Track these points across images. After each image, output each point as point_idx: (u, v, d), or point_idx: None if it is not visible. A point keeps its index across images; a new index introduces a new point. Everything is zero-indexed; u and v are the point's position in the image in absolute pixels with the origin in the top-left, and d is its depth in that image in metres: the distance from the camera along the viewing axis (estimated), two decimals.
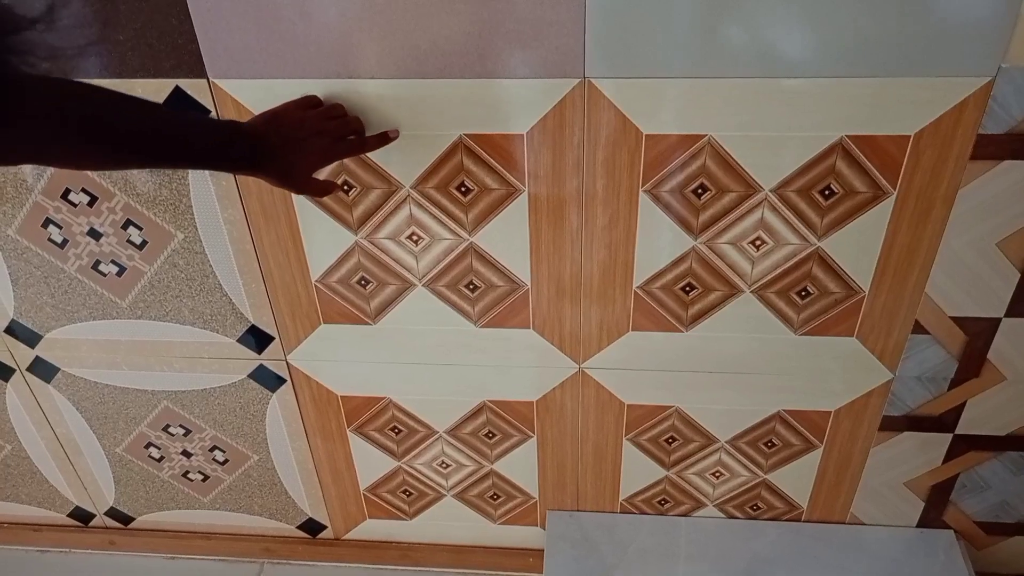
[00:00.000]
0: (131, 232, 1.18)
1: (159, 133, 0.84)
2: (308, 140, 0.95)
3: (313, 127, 0.96)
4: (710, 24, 0.92)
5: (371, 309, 1.22)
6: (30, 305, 1.29)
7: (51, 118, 0.72)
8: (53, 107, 0.72)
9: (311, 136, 0.96)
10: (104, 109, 0.79)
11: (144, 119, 0.85)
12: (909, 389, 1.22)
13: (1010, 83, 0.92)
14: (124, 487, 1.55)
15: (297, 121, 0.96)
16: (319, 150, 0.97)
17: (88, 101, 0.78)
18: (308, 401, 1.36)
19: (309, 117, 0.97)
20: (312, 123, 0.97)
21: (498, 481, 1.44)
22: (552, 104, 1.00)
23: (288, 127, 0.95)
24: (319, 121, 0.97)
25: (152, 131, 0.83)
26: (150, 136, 0.83)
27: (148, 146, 0.83)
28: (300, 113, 0.98)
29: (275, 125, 0.95)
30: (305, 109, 0.98)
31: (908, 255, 1.08)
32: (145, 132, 0.82)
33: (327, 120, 0.98)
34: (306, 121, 0.97)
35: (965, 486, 1.34)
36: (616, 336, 1.21)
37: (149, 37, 0.99)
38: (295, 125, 0.96)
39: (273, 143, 0.93)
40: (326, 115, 0.99)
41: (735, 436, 1.32)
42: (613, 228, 1.10)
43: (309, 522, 1.56)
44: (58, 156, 0.78)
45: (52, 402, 1.43)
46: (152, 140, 0.83)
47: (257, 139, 0.92)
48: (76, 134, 0.75)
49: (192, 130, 0.90)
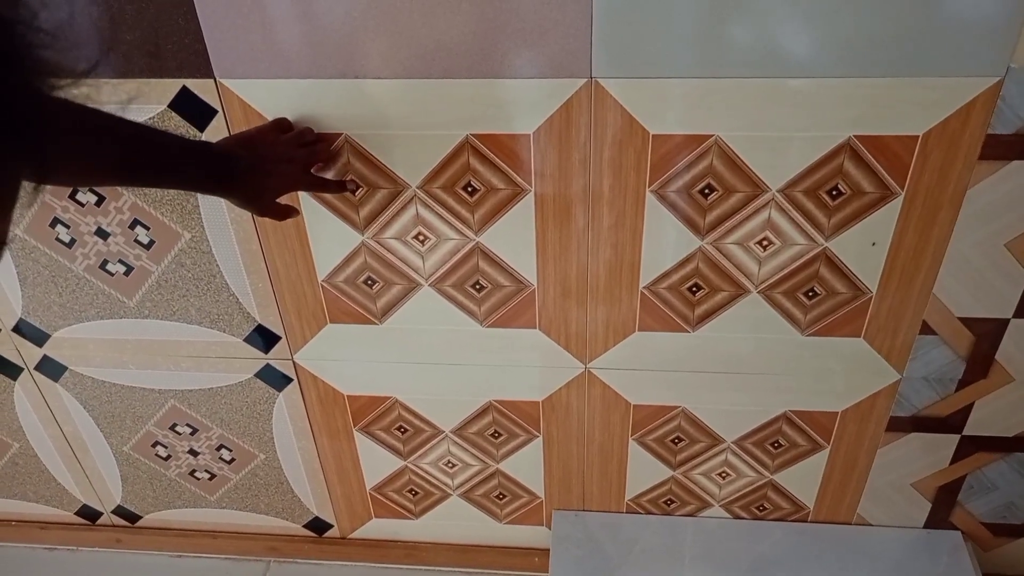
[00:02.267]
0: (138, 232, 1.18)
1: (142, 152, 0.86)
2: (278, 166, 0.97)
3: (284, 153, 0.98)
4: (717, 24, 0.92)
5: (377, 309, 1.22)
6: (38, 304, 1.29)
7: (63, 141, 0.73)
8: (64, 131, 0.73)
9: (281, 162, 0.98)
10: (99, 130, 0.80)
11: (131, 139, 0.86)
12: (916, 390, 1.22)
13: (1019, 83, 0.92)
14: (131, 485, 1.56)
15: (269, 146, 0.98)
16: (288, 177, 0.99)
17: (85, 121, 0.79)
18: (314, 400, 1.36)
19: (281, 142, 0.99)
20: (283, 149, 0.98)
21: (504, 481, 1.44)
22: (559, 104, 1.00)
23: (260, 151, 0.97)
24: (290, 148, 0.99)
25: (136, 150, 0.85)
26: (134, 155, 0.84)
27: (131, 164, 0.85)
28: (272, 137, 0.99)
29: (248, 148, 0.96)
30: (277, 133, 1.00)
31: (916, 256, 1.08)
32: (130, 151, 0.84)
33: (297, 148, 1.00)
34: (278, 146, 0.99)
35: (972, 487, 1.34)
36: (622, 336, 1.21)
37: (155, 37, 1.00)
38: (267, 150, 0.97)
39: (244, 166, 0.95)
40: (297, 142, 1.00)
41: (741, 436, 1.32)
42: (619, 228, 1.10)
43: (315, 521, 1.57)
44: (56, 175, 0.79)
45: (60, 401, 1.43)
46: (135, 158, 0.85)
47: (229, 160, 0.94)
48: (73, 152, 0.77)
49: (169, 149, 0.91)
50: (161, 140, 0.94)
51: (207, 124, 1.06)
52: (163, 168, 0.90)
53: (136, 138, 0.89)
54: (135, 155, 0.86)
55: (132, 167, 0.87)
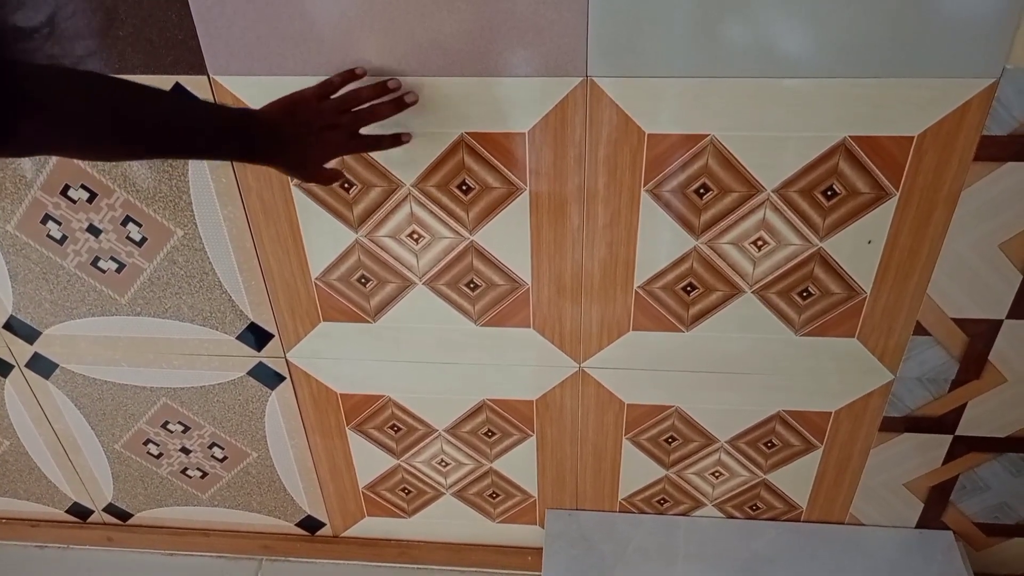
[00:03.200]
0: (130, 228, 1.18)
1: (173, 122, 0.84)
2: (323, 133, 0.95)
3: (327, 119, 0.95)
4: (713, 24, 0.92)
5: (371, 307, 1.22)
6: (29, 301, 1.28)
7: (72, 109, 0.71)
8: (73, 98, 0.72)
9: (325, 129, 0.95)
10: (121, 98, 0.79)
11: (158, 106, 0.84)
12: (909, 390, 1.22)
13: (1014, 84, 0.92)
14: (122, 483, 1.55)
15: (313, 112, 0.95)
16: (332, 143, 0.97)
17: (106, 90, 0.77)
18: (307, 399, 1.35)
19: (324, 108, 0.96)
20: (327, 115, 0.95)
21: (497, 480, 1.44)
22: (554, 103, 1.00)
23: (303, 118, 0.94)
24: (334, 114, 0.96)
25: (166, 119, 0.83)
26: (164, 124, 0.82)
27: (162, 134, 0.82)
28: (316, 104, 0.96)
29: (290, 115, 0.94)
30: (321, 99, 0.96)
31: (910, 256, 1.08)
32: (160, 120, 0.82)
33: (341, 113, 0.96)
34: (322, 112, 0.95)
35: (965, 487, 1.34)
36: (616, 335, 1.21)
37: (149, 33, 0.99)
38: (311, 116, 0.94)
39: (288, 134, 0.92)
40: (340, 107, 0.97)
41: (735, 436, 1.32)
42: (614, 227, 1.09)
43: (308, 519, 1.56)
44: (75, 146, 0.77)
45: (51, 398, 1.42)
46: (166, 128, 0.83)
47: (272, 128, 0.92)
48: (95, 124, 0.75)
49: (207, 118, 0.89)
50: (203, 113, 0.92)
51: None
52: (206, 142, 0.88)
53: (178, 111, 0.87)
54: (177, 130, 0.84)
55: (173, 141, 0.85)
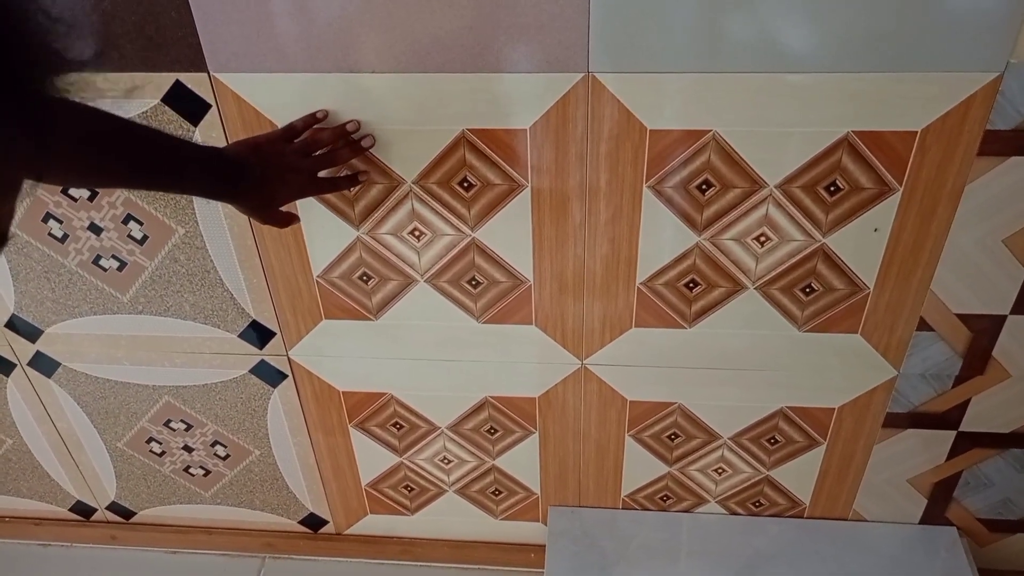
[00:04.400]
0: (132, 227, 1.17)
1: (150, 156, 0.86)
2: (285, 175, 0.97)
3: (291, 162, 0.97)
4: (715, 19, 0.91)
5: (373, 305, 1.22)
6: (31, 300, 1.28)
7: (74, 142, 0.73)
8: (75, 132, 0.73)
9: (288, 171, 0.97)
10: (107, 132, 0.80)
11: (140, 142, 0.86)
12: (913, 386, 1.22)
13: (1018, 79, 0.92)
14: (125, 482, 1.55)
15: (278, 155, 0.97)
16: (294, 185, 0.99)
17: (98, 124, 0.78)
18: (309, 396, 1.35)
19: (288, 151, 0.98)
20: (290, 158, 0.98)
21: (500, 477, 1.44)
22: (555, 99, 0.99)
23: (268, 160, 0.96)
24: (297, 157, 0.98)
25: (144, 154, 0.85)
26: (143, 159, 0.84)
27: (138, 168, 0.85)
28: (281, 147, 0.98)
29: (257, 157, 0.96)
30: (286, 142, 0.99)
31: (913, 252, 1.07)
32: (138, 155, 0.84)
33: (304, 157, 0.99)
34: (286, 155, 0.98)
35: (968, 483, 1.34)
36: (619, 332, 1.21)
37: (148, 30, 0.99)
38: (275, 159, 0.97)
39: (256, 174, 0.94)
40: (304, 150, 0.99)
41: (738, 432, 1.32)
42: (616, 224, 1.09)
43: (310, 517, 1.56)
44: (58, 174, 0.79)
45: (53, 397, 1.42)
46: (144, 163, 0.84)
47: (238, 168, 0.94)
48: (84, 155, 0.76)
49: (181, 154, 0.91)
50: (170, 145, 0.93)
51: (200, 119, 1.05)
52: (171, 173, 0.89)
53: (145, 141, 0.88)
54: (143, 159, 0.85)
55: (139, 171, 0.87)
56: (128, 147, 0.83)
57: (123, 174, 0.86)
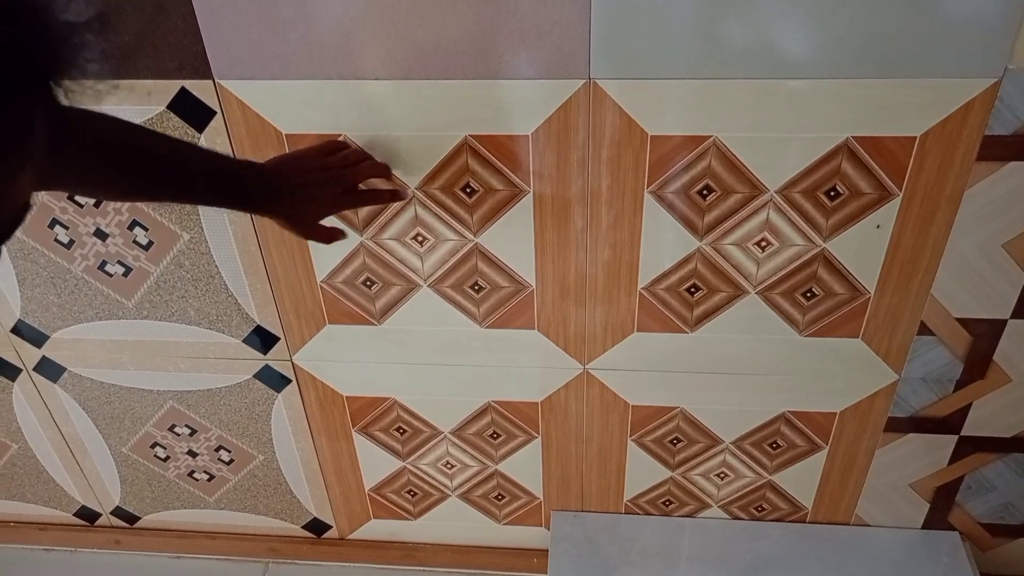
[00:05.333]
0: (137, 233, 1.18)
1: (182, 168, 0.86)
2: (321, 188, 0.96)
3: (327, 176, 0.97)
4: (715, 25, 0.92)
5: (376, 310, 1.23)
6: (37, 305, 1.29)
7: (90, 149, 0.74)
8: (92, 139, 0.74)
9: (324, 184, 0.97)
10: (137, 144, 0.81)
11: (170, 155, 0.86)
12: (914, 391, 1.22)
13: (1016, 84, 0.92)
14: (130, 487, 1.56)
15: (313, 168, 0.97)
16: (330, 199, 0.98)
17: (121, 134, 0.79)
18: (313, 401, 1.36)
19: (326, 164, 0.98)
20: (327, 171, 0.97)
21: (502, 482, 1.44)
22: (557, 105, 1.00)
23: (303, 173, 0.96)
24: (334, 170, 0.98)
25: (166, 163, 0.85)
26: (173, 171, 0.85)
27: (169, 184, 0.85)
28: (317, 160, 0.98)
29: (290, 169, 0.96)
30: (324, 156, 0.99)
31: (914, 256, 1.08)
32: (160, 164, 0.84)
33: (342, 168, 0.99)
34: (322, 168, 0.97)
35: (970, 488, 1.34)
36: (621, 337, 1.21)
37: (153, 38, 1.00)
38: (310, 171, 0.97)
39: (286, 187, 0.94)
40: (342, 163, 0.99)
41: (740, 437, 1.32)
42: (618, 229, 1.10)
43: (314, 522, 1.56)
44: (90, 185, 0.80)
45: (58, 402, 1.43)
46: (174, 175, 0.85)
47: (271, 181, 0.94)
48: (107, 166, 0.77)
49: (211, 166, 0.91)
50: (201, 158, 0.94)
51: (205, 125, 1.06)
52: (203, 188, 0.90)
53: (176, 155, 0.89)
54: (174, 175, 0.86)
55: (170, 186, 0.87)
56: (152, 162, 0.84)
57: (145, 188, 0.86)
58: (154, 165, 0.84)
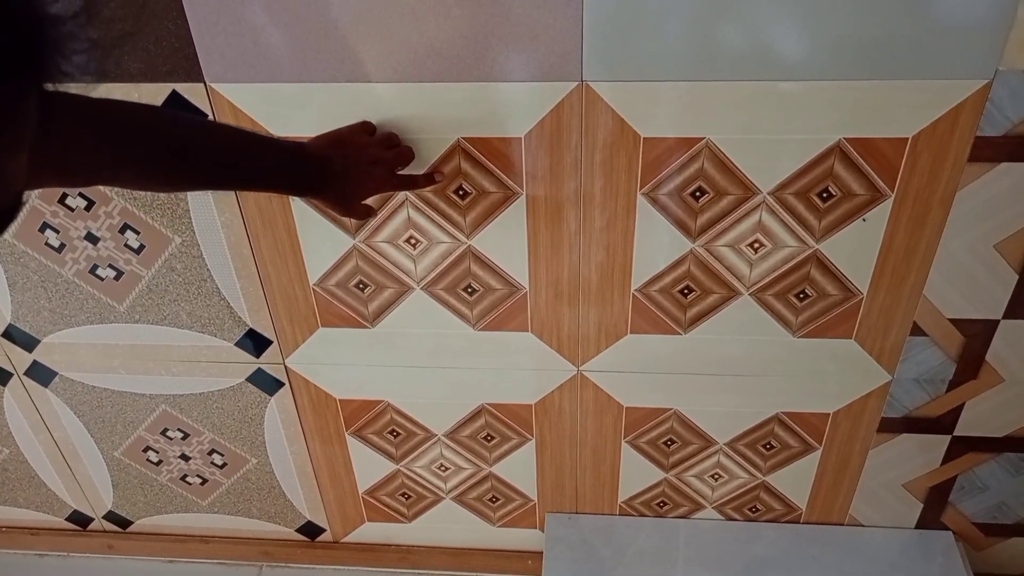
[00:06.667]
0: (128, 236, 1.18)
1: (228, 154, 0.86)
2: (372, 168, 0.96)
3: (374, 155, 0.97)
4: (707, 28, 0.92)
5: (369, 312, 1.22)
6: (27, 309, 1.29)
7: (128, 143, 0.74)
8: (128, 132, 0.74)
9: (374, 164, 0.97)
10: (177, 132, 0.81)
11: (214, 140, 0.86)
12: (907, 391, 1.22)
13: (1007, 86, 0.92)
14: (122, 491, 1.55)
15: (360, 147, 0.97)
16: (379, 178, 0.98)
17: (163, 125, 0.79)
18: (306, 404, 1.35)
19: (370, 144, 0.98)
20: (373, 150, 0.97)
21: (497, 484, 1.44)
22: (550, 107, 1.00)
23: (352, 152, 0.95)
24: (379, 149, 0.98)
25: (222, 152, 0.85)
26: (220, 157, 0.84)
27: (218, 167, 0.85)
28: (361, 139, 0.98)
29: (340, 150, 0.95)
30: (365, 135, 0.99)
31: (906, 257, 1.08)
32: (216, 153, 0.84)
33: (385, 149, 0.99)
34: (368, 147, 0.97)
35: (963, 487, 1.34)
36: (614, 339, 1.21)
37: (145, 41, 0.99)
38: (358, 150, 0.96)
39: (339, 167, 0.93)
40: (384, 144, 0.99)
41: (734, 438, 1.32)
42: (611, 231, 1.10)
43: (308, 525, 1.56)
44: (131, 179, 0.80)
45: (50, 406, 1.42)
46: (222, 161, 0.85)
47: (324, 162, 0.93)
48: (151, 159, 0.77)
49: (260, 150, 0.91)
50: (256, 145, 0.93)
51: None
52: (257, 173, 0.89)
53: (233, 143, 0.88)
54: (230, 162, 0.86)
55: (225, 173, 0.87)
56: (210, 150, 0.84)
57: (210, 175, 0.86)
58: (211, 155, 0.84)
